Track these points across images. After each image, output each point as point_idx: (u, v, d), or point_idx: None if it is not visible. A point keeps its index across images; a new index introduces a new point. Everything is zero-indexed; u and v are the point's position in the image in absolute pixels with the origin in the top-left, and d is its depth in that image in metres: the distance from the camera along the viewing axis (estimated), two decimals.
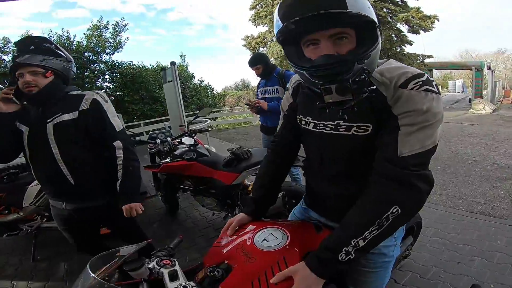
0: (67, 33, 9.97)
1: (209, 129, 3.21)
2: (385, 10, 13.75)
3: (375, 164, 0.76)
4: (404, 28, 14.68)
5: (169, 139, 2.62)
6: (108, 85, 11.19)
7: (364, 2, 0.69)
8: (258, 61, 2.69)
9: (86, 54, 10.20)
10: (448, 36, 67.65)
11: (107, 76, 11.07)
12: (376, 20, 0.72)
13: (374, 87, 0.73)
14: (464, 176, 3.93)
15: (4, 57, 9.15)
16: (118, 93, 10.99)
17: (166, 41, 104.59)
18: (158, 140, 2.60)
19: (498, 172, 4.03)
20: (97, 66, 10.61)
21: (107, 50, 10.79)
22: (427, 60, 15.72)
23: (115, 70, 10.90)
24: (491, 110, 11.18)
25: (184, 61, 13.07)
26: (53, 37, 9.67)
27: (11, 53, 9.06)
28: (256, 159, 2.18)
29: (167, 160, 2.46)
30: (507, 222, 2.60)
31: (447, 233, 2.43)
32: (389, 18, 14.05)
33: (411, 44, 14.95)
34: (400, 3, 14.47)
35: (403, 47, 15.00)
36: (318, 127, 0.88)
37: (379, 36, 0.73)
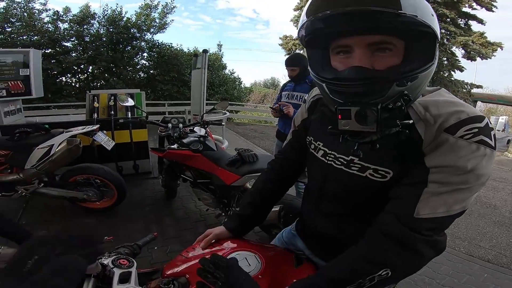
0: (120, 8, 10.45)
1: (223, 123, 3.13)
2: (443, 31, 12.43)
3: (382, 215, 0.60)
4: (459, 52, 13.34)
5: (181, 125, 2.54)
6: (144, 62, 11.55)
7: (425, 7, 0.51)
8: (296, 63, 2.45)
9: (132, 30, 10.58)
10: (508, 66, 61.52)
11: (145, 54, 11.39)
12: (438, 33, 0.54)
13: (411, 121, 0.54)
14: (477, 219, 3.71)
15: (61, 25, 9.69)
16: (151, 71, 11.29)
17: (209, 28, 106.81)
18: (169, 125, 2.54)
19: None
20: (138, 43, 10.97)
21: (152, 30, 11.12)
22: (474, 90, 14.30)
23: (154, 49, 11.19)
24: None
25: (220, 51, 13.07)
26: (107, 11, 10.27)
27: (67, 22, 9.66)
28: (261, 165, 2.05)
29: (174, 146, 2.41)
30: (503, 270, 2.51)
31: (437, 273, 2.30)
32: (445, 40, 12.83)
33: (461, 71, 13.57)
34: (463, 26, 13.18)
35: (452, 72, 13.65)
36: (327, 158, 0.72)
37: (436, 55, 0.55)
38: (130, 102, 2.61)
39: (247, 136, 8.32)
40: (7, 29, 8.80)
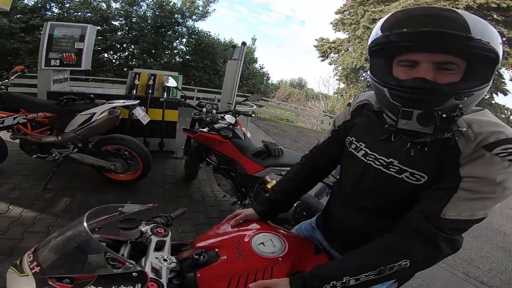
0: None
1: (253, 114, 3.18)
2: None
3: (411, 213, 0.66)
4: (507, 74, 12.34)
5: (214, 111, 2.59)
6: (182, 47, 11.91)
7: (492, 32, 0.56)
8: None
9: (175, 16, 10.91)
10: None
11: (184, 40, 11.67)
12: (500, 58, 0.58)
13: (464, 129, 0.60)
14: (483, 243, 3.68)
15: (113, 4, 10.37)
16: (187, 57, 11.60)
17: (244, 20, 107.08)
18: (204, 109, 2.60)
19: None
20: (180, 29, 11.32)
21: (194, 17, 11.46)
22: None
23: (193, 36, 11.47)
24: None
25: (254, 44, 13.21)
26: None
27: (119, 1, 10.16)
28: (286, 160, 2.04)
29: (205, 130, 2.47)
30: None
31: None
32: None
33: (505, 94, 12.72)
34: None
35: (494, 95, 12.80)
36: (367, 158, 0.76)
37: (492, 77, 0.60)
38: (174, 83, 2.77)
39: (268, 131, 8.31)
40: (66, 5, 9.49)
